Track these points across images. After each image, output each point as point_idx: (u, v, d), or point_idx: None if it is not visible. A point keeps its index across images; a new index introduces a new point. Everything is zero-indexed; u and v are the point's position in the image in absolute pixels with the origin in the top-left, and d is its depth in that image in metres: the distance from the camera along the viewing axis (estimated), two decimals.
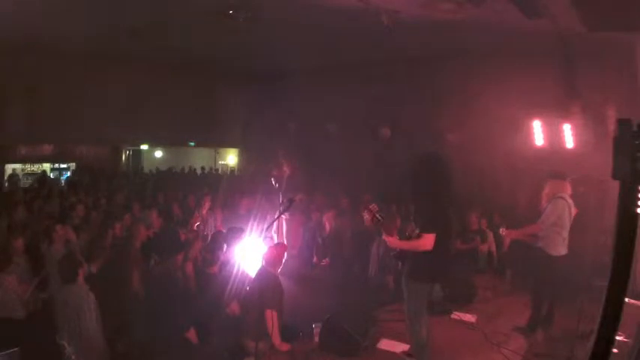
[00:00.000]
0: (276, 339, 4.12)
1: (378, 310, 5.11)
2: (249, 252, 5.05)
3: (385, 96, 11.20)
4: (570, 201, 5.05)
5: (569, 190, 5.12)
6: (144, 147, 16.42)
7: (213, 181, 12.56)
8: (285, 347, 4.16)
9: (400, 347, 4.32)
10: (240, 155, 17.09)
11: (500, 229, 5.45)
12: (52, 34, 9.22)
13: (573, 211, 5.03)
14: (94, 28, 8.71)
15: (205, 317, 4.33)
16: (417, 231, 3.73)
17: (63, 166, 14.31)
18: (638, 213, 1.42)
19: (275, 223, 5.65)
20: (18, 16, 7.78)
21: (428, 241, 3.62)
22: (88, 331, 3.98)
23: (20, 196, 8.74)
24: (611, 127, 5.83)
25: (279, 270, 4.38)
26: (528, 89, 7.30)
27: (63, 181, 13.20)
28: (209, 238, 6.45)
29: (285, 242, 6.98)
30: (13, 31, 8.65)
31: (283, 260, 4.32)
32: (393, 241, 3.91)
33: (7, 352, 3.20)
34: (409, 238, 3.85)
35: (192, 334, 4.13)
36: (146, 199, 9.50)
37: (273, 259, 4.32)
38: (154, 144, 16.21)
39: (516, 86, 7.31)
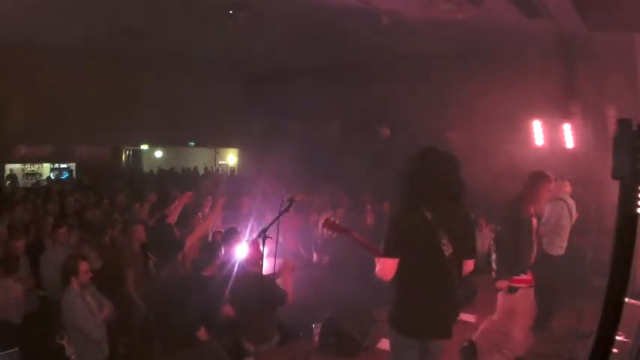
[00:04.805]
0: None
1: (378, 310, 5.11)
2: (249, 253, 5.03)
3: (385, 96, 11.20)
4: (571, 201, 5.05)
5: (569, 189, 5.12)
6: (144, 147, 16.42)
7: (216, 181, 12.54)
8: None
9: None
10: (240, 155, 17.10)
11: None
12: (51, 34, 9.22)
13: (574, 212, 5.04)
14: (93, 27, 8.72)
15: (203, 318, 4.31)
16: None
17: (63, 166, 14.29)
18: (638, 213, 1.42)
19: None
20: (17, 16, 7.78)
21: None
22: (86, 331, 3.99)
23: (20, 196, 8.74)
24: (611, 127, 5.82)
25: (265, 266, 4.26)
26: (528, 89, 7.30)
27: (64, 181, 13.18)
28: (209, 237, 6.45)
29: (284, 242, 6.97)
30: (12, 31, 8.66)
31: (263, 256, 4.13)
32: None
33: (7, 352, 3.20)
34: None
35: (202, 333, 4.12)
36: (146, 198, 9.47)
37: (253, 258, 4.26)
38: (154, 144, 16.21)
39: (516, 86, 7.31)
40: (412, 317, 2.69)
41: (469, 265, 2.83)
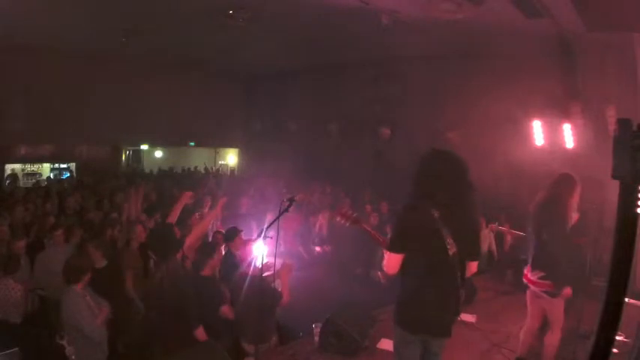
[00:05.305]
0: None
1: (377, 310, 5.11)
2: (250, 253, 5.03)
3: (385, 96, 11.21)
4: None
5: None
6: (144, 147, 16.43)
7: (216, 181, 12.55)
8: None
9: None
10: (240, 155, 17.11)
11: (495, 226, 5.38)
12: (51, 34, 9.22)
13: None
14: (93, 27, 8.72)
15: (203, 319, 4.31)
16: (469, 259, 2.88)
17: (63, 166, 14.29)
18: (638, 213, 1.42)
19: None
20: (17, 16, 7.78)
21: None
22: (87, 331, 3.98)
23: (20, 196, 8.74)
24: (611, 127, 5.83)
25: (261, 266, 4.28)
26: (528, 89, 7.30)
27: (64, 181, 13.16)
28: (209, 237, 6.45)
29: (284, 242, 6.97)
30: (12, 31, 8.66)
31: (261, 257, 4.13)
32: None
33: (7, 352, 3.20)
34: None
35: (200, 333, 4.12)
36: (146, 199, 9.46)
37: (250, 259, 4.26)
38: (154, 144, 16.22)
39: (516, 86, 7.31)
40: (414, 314, 2.72)
41: (472, 267, 2.84)
